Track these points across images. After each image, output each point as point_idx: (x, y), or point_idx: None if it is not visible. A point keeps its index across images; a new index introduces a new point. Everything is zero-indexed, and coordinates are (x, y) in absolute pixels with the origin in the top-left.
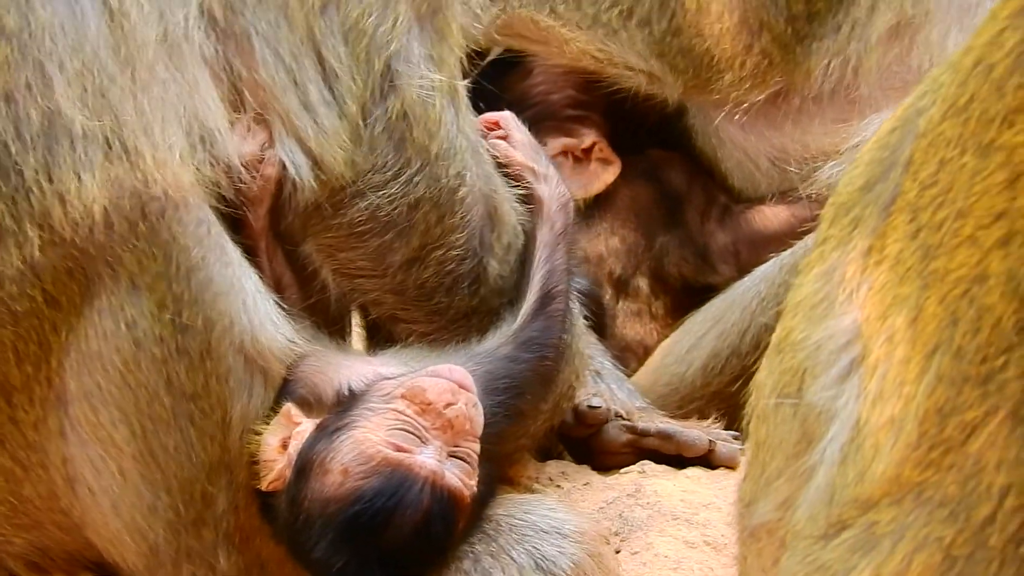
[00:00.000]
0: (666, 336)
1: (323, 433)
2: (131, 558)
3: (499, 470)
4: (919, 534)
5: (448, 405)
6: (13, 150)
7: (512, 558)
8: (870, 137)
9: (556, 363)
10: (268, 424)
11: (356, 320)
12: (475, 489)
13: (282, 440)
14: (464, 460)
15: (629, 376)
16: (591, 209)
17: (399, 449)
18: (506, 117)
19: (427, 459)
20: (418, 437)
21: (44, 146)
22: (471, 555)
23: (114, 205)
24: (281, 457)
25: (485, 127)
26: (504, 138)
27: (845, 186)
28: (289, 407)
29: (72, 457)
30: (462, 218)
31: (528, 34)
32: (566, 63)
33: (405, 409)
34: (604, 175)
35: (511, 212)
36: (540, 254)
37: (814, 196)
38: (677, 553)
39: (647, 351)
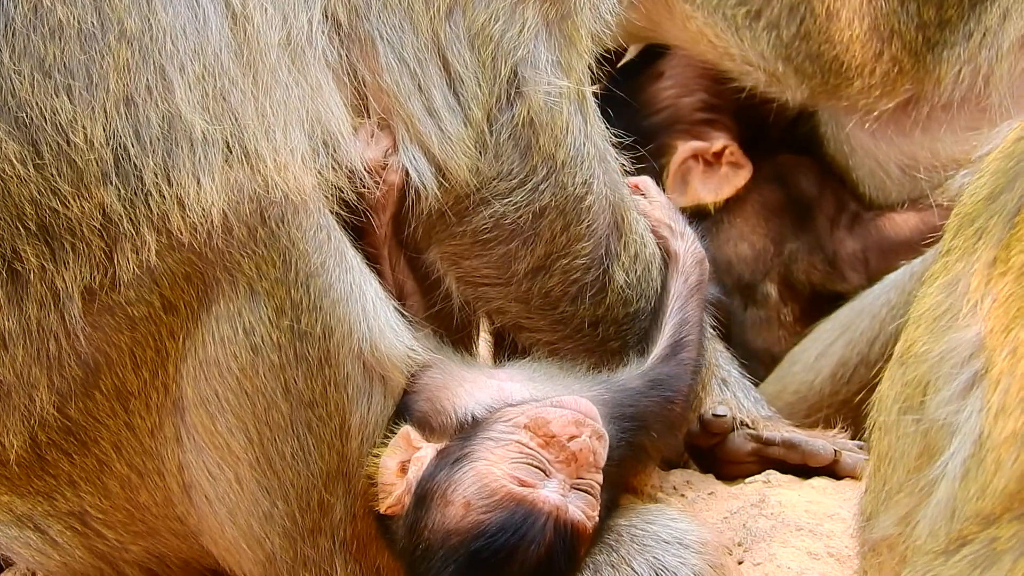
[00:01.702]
0: (794, 344)
1: (444, 462)
2: (247, 566)
3: (619, 494)
4: None
5: (572, 438)
6: (132, 153)
7: (633, 569)
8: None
9: (683, 411)
10: (386, 445)
11: (484, 326)
12: (598, 519)
13: (401, 463)
14: (587, 492)
15: (757, 384)
16: (720, 214)
17: (522, 483)
18: (645, 180)
19: (550, 493)
20: (541, 470)
21: (163, 150)
22: (591, 565)
23: (233, 209)
24: (400, 481)
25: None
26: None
27: (969, 196)
28: (408, 430)
29: (188, 464)
30: (588, 226)
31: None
32: (687, 44)
33: (528, 441)
34: (735, 179)
35: (638, 221)
36: (673, 305)
37: (945, 204)
38: (800, 565)
39: (775, 358)
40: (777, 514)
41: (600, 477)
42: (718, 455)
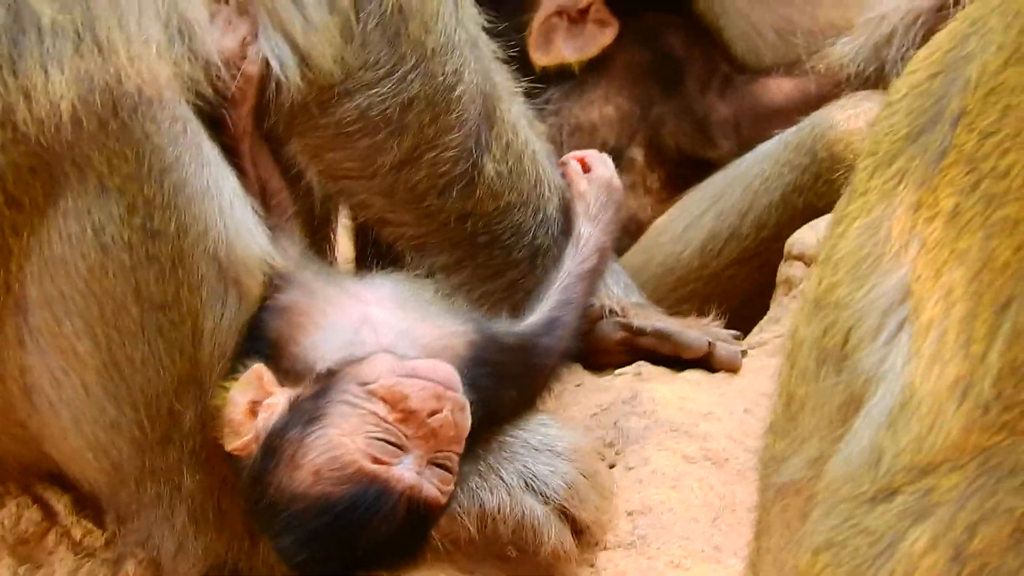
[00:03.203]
0: (661, 211)
1: (296, 418)
2: (92, 475)
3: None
4: (985, 504)
5: (433, 413)
6: None
7: (501, 478)
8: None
9: (543, 386)
10: (236, 379)
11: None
12: (452, 491)
13: (251, 403)
14: (444, 466)
15: (621, 253)
16: (585, 74)
17: (376, 461)
18: (593, 156)
19: (405, 471)
20: (398, 446)
21: (9, 39)
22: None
23: (83, 101)
24: (249, 424)
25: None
26: (586, 169)
27: (885, 134)
28: (261, 369)
29: (31, 367)
30: (458, 117)
31: None
32: None
33: (386, 415)
34: (600, 37)
35: (510, 110)
36: (562, 281)
37: (821, 70)
38: (675, 469)
39: (640, 226)
40: (650, 412)
41: (460, 449)
42: (587, 344)
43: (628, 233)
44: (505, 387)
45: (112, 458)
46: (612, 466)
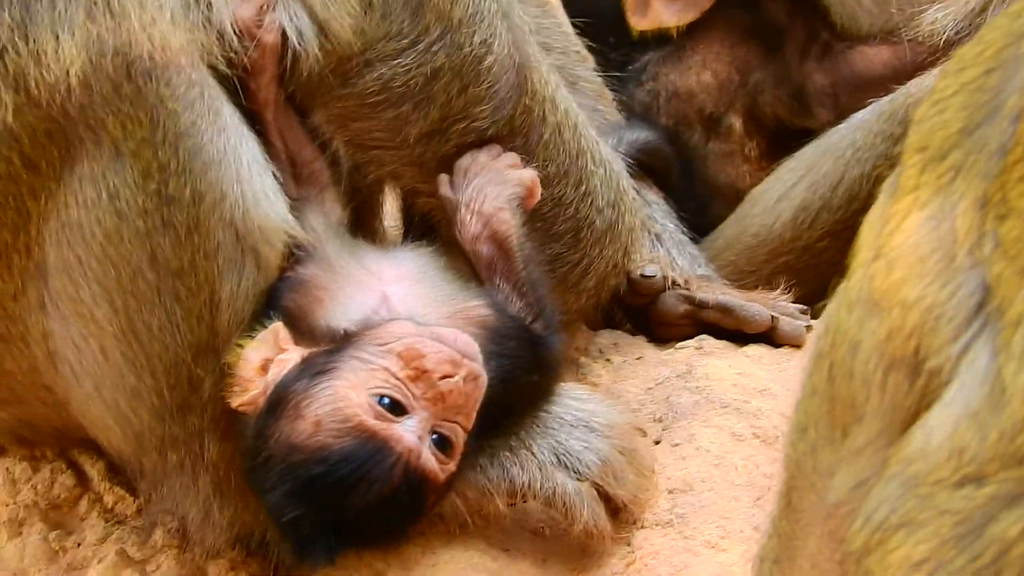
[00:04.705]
0: (760, 180)
1: (306, 371)
2: (115, 442)
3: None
4: None
5: (444, 377)
6: None
7: (533, 453)
8: None
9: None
10: (253, 337)
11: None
12: (453, 470)
13: (263, 361)
14: (449, 438)
15: (712, 227)
16: (683, 39)
17: (379, 417)
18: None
19: (406, 432)
20: (404, 405)
21: (20, 3)
22: (488, 448)
23: (96, 65)
24: (259, 380)
25: None
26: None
27: (937, 130)
28: (279, 328)
29: (53, 332)
30: (488, 88)
31: None
32: None
33: (398, 371)
34: (700, 1)
35: (546, 83)
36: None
37: (917, 40)
38: (721, 447)
39: (739, 195)
40: (703, 388)
41: (469, 423)
42: (651, 316)
43: (727, 201)
44: (522, 370)
45: (134, 426)
46: (657, 442)
